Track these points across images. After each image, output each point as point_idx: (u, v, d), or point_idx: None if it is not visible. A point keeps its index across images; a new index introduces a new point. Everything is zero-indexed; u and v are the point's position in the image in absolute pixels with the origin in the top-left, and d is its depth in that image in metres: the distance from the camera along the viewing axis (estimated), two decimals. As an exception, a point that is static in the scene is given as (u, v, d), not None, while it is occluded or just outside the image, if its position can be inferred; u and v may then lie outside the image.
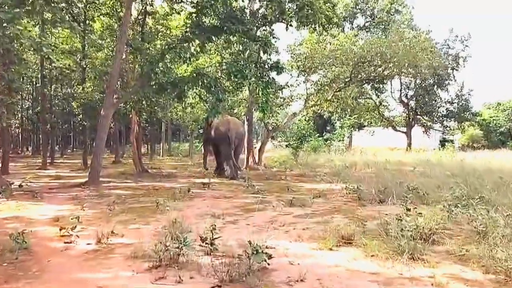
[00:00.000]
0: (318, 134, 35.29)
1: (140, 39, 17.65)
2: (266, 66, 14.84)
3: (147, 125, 40.70)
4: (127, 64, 17.90)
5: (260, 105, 14.44)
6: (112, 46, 18.09)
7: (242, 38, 14.25)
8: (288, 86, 23.80)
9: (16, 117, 44.61)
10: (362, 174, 20.08)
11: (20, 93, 37.02)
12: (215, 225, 6.76)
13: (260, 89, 14.32)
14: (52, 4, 10.78)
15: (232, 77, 14.44)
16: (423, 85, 44.62)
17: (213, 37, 15.22)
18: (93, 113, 20.67)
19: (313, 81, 23.74)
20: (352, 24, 43.84)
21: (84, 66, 17.96)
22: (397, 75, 25.84)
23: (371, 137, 48.95)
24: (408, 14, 44.27)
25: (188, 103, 33.29)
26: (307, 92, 23.86)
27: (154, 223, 8.71)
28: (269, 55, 14.90)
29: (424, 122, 46.91)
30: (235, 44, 15.20)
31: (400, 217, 7.24)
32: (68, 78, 26.73)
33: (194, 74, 14.92)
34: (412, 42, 21.90)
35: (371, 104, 42.80)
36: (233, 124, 18.53)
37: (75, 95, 21.62)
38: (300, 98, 24.88)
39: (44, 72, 23.05)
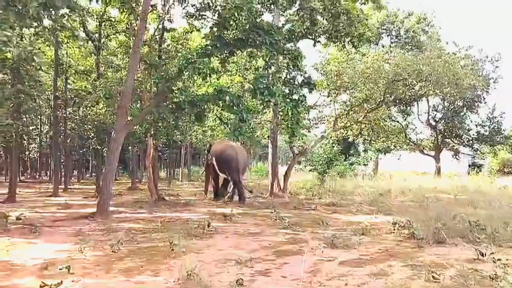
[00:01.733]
0: (344, 158, 33.27)
1: (157, 56, 16.15)
2: (296, 83, 13.08)
3: (165, 148, 39.27)
4: (141, 82, 16.37)
5: (289, 126, 12.61)
6: (127, 64, 16.56)
7: (269, 51, 12.53)
8: (317, 106, 22.05)
9: (35, 141, 43.68)
10: (400, 203, 18.15)
11: (40, 116, 35.97)
12: (241, 279, 4.96)
13: (289, 108, 12.53)
14: (51, 10, 9.21)
15: (258, 95, 12.70)
16: (452, 107, 42.52)
17: (236, 50, 13.62)
18: (106, 137, 19.13)
19: (343, 102, 21.90)
20: (377, 45, 42.17)
21: (98, 86, 16.47)
22: (435, 94, 23.82)
23: (397, 161, 46.88)
24: (436, 35, 42.40)
25: (208, 126, 31.82)
26: (336, 113, 21.99)
27: (165, 272, 6.88)
28: (300, 70, 13.12)
29: (453, 146, 44.68)
30: (261, 58, 13.47)
31: (495, 274, 5.26)
32: (85, 100, 25.36)
33: (215, 92, 13.20)
34: (451, 59, 20.05)
35: (396, 127, 40.57)
36: (239, 150, 18.75)
37: (88, 117, 20.25)
38: (327, 120, 23.03)
39: (57, 94, 21.61)
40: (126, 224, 12.19)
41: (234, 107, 12.99)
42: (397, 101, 23.61)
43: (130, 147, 32.65)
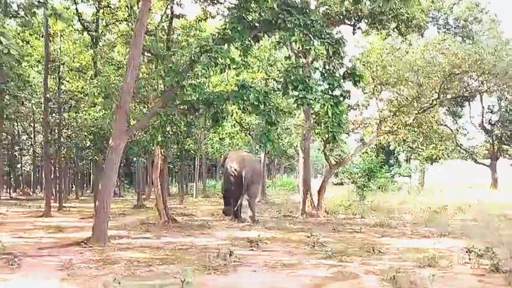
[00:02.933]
0: (384, 170, 31.89)
1: (165, 47, 15.07)
2: (338, 75, 11.82)
3: (177, 160, 38.33)
4: (145, 78, 15.33)
5: (329, 129, 11.34)
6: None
7: (304, 35, 11.29)
8: (358, 107, 20.67)
9: (29, 152, 43.17)
10: (462, 222, 16.81)
11: (33, 124, 35.36)
12: None
13: (329, 106, 11.27)
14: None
15: (290, 90, 11.47)
16: (510, 108, 40.82)
17: (262, 35, 12.46)
18: (106, 145, 18.13)
19: (389, 100, 20.50)
20: (422, 36, 40.67)
21: (95, 85, 15.40)
22: (500, 90, 22.29)
23: (445, 172, 45.25)
24: (490, 23, 40.69)
25: (225, 133, 30.80)
26: (380, 114, 20.63)
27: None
28: (342, 58, 11.85)
29: (511, 154, 42.87)
30: (294, 43, 12.20)
31: None
32: (81, 102, 24.48)
33: (236, 88, 12.01)
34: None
35: (445, 132, 38.90)
36: (248, 160, 18.64)
37: (83, 122, 19.32)
38: (369, 123, 21.70)
39: (48, 95, 20.72)
40: (128, 253, 11.07)
41: (260, 106, 11.79)
42: (454, 100, 22.17)
43: (135, 159, 31.76)
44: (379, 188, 29.54)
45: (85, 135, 19.85)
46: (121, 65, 19.16)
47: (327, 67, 12.12)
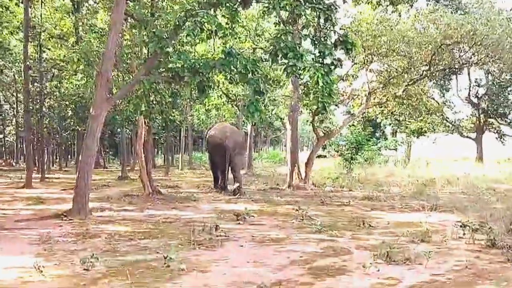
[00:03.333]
0: (372, 142, 31.57)
1: (148, 11, 14.37)
2: (329, 43, 11.28)
3: (163, 131, 37.74)
4: (128, 46, 14.64)
5: (319, 99, 10.83)
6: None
7: (295, 0, 10.70)
8: (348, 77, 20.12)
9: (12, 123, 42.29)
10: (451, 195, 16.56)
11: (15, 93, 34.46)
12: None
13: (320, 75, 10.75)
14: None
15: (280, 58, 10.92)
16: (497, 81, 40.45)
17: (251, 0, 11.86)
18: (86, 115, 17.53)
19: (379, 71, 19.96)
20: (411, 7, 39.89)
21: (76, 51, 14.67)
22: (492, 62, 21.78)
23: (431, 145, 45.04)
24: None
25: (212, 104, 30.20)
26: (369, 86, 20.12)
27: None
28: (333, 25, 11.29)
29: (498, 127, 42.72)
30: (284, 9, 11.55)
31: None
32: (63, 71, 23.66)
33: (223, 56, 11.43)
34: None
35: (433, 106, 38.57)
36: (230, 132, 18.50)
37: (65, 91, 18.62)
38: (358, 95, 21.22)
39: (28, 63, 19.92)
40: (109, 226, 10.60)
41: (248, 75, 11.24)
42: (443, 71, 21.69)
43: (119, 129, 31.10)
44: (365, 160, 29.24)
45: (66, 104, 19.14)
46: (104, 32, 18.42)
47: (318, 34, 11.55)
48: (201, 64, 11.52)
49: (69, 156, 48.30)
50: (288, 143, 20.83)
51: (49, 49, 23.84)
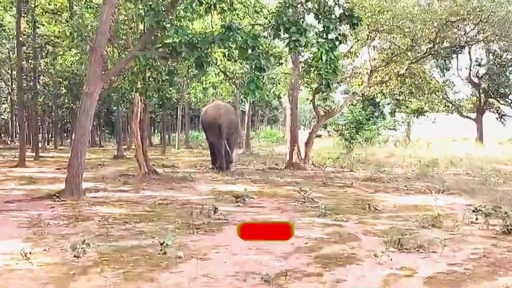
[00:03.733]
0: (372, 122, 31.06)
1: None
2: (333, 16, 10.70)
3: (159, 109, 37.16)
4: (124, 21, 13.98)
5: (324, 76, 10.29)
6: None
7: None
8: (350, 54, 19.49)
9: (7, 101, 41.54)
10: (455, 176, 16.10)
11: (10, 70, 33.67)
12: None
13: (324, 51, 10.20)
14: None
15: (281, 32, 10.34)
16: (498, 61, 39.85)
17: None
18: (81, 92, 16.90)
19: (382, 49, 19.32)
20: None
21: (68, 25, 13.99)
22: (497, 40, 21.12)
23: (430, 125, 44.51)
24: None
25: (209, 82, 29.59)
26: (371, 64, 19.52)
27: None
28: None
29: (498, 107, 42.20)
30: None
31: None
32: (59, 48, 22.93)
33: (223, 31, 10.85)
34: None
35: (433, 85, 37.99)
36: (224, 110, 18.41)
37: (58, 68, 17.94)
38: (360, 73, 20.62)
39: (21, 39, 19.22)
40: (103, 208, 10.13)
41: (248, 50, 10.67)
42: (447, 49, 21.06)
43: (115, 107, 30.48)
44: (365, 140, 28.73)
45: (59, 81, 18.49)
46: (99, 7, 17.72)
47: (322, 8, 10.97)
48: (199, 39, 10.94)
49: (65, 135, 47.72)
50: (288, 122, 20.30)
51: (43, 24, 23.07)
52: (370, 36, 18.18)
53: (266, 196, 12.02)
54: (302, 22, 10.44)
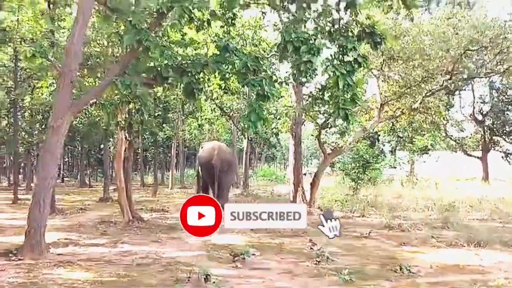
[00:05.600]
0: (380, 160, 29.11)
1: None
2: (350, 33, 8.78)
3: (152, 147, 35.19)
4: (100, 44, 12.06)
5: (341, 106, 8.32)
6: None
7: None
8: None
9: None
10: (483, 224, 14.00)
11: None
12: None
13: (340, 75, 8.26)
14: None
15: (289, 52, 8.42)
16: (502, 98, 38.43)
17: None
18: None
19: (395, 80, 17.35)
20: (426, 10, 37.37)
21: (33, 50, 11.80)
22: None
23: (433, 164, 42.74)
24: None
25: (205, 118, 27.81)
26: (381, 96, 17.58)
27: None
28: (356, 14, 8.83)
29: (502, 145, 40.54)
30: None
31: None
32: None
33: (218, 52, 8.91)
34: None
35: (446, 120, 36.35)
36: (220, 151, 17.66)
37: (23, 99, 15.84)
38: (369, 106, 18.63)
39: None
40: (66, 270, 7.97)
41: (249, 75, 8.71)
42: (468, 79, 19.08)
43: (102, 145, 28.46)
44: (369, 180, 26.66)
45: (31, 116, 16.52)
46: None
47: (336, 25, 9.05)
48: (189, 62, 8.99)
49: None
50: (291, 161, 18.24)
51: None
52: (385, 63, 16.24)
53: (271, 251, 9.87)
54: (315, 39, 8.46)
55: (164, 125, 29.31)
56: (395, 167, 43.63)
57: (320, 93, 14.67)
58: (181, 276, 7.24)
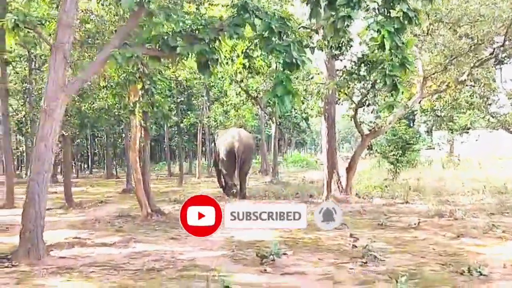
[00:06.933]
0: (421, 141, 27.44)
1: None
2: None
3: (175, 134, 34.03)
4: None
5: (388, 72, 6.81)
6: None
7: None
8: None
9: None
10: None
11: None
12: None
13: (387, 34, 6.68)
14: None
15: (321, 8, 6.87)
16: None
17: None
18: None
19: (440, 50, 15.37)
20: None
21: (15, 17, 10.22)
22: None
23: (473, 143, 40.73)
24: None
25: (230, 104, 26.41)
26: (423, 68, 15.79)
27: None
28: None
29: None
30: None
31: None
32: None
33: (236, 11, 7.45)
34: None
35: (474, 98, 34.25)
36: (243, 136, 17.66)
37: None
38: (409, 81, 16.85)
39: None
40: (64, 279, 6.68)
41: (273, 39, 7.25)
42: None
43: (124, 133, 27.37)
44: (407, 163, 24.96)
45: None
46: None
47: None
48: (200, 26, 7.53)
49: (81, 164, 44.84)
50: (324, 144, 16.67)
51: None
52: (431, 28, 14.38)
53: (305, 249, 8.39)
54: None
55: (189, 112, 28.12)
56: (434, 148, 41.81)
57: (356, 67, 13.18)
58: (196, 286, 5.89)
